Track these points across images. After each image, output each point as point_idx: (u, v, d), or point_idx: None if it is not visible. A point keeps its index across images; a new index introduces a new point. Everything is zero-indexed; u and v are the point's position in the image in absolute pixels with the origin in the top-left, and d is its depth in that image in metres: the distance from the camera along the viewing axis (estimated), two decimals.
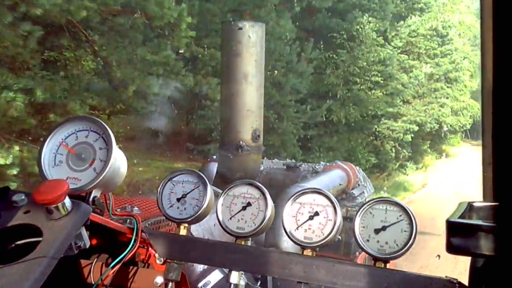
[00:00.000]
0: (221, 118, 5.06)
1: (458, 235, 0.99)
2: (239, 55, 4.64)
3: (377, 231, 1.27)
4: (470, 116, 26.16)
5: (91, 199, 1.33)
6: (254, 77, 4.68)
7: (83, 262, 1.48)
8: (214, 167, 5.03)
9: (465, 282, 1.14)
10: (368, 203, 1.32)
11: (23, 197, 1.21)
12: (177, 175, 1.50)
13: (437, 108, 23.73)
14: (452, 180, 20.04)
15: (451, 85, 24.85)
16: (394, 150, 21.88)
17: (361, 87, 20.09)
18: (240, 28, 4.61)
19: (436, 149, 28.02)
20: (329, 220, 1.34)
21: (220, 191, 1.48)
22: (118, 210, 1.90)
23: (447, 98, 24.31)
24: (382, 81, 20.38)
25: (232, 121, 4.69)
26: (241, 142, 4.58)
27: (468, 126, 27.62)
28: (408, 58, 23.56)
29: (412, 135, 22.37)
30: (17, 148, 7.13)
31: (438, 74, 24.59)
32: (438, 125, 23.86)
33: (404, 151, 22.73)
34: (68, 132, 1.39)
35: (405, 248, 1.24)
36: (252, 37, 4.63)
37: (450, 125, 24.66)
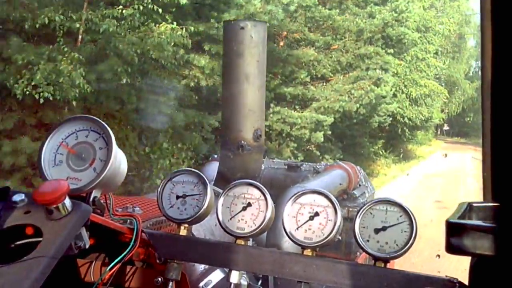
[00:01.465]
0: (222, 118, 5.04)
1: (458, 235, 0.99)
2: (240, 55, 4.61)
3: (377, 231, 1.27)
4: (442, 109, 20.78)
5: (91, 199, 1.33)
6: (256, 77, 4.66)
7: (83, 262, 1.48)
8: (214, 166, 5.03)
9: (465, 281, 1.14)
10: (369, 204, 1.32)
11: (23, 197, 1.21)
12: (177, 175, 1.50)
13: (368, 87, 14.06)
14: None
15: (392, 50, 15.76)
16: (301, 156, 13.40)
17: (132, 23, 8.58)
18: (242, 28, 4.59)
19: (395, 150, 21.06)
20: (329, 220, 1.34)
21: (221, 190, 1.48)
22: (119, 210, 1.91)
23: (385, 70, 14.84)
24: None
25: (234, 120, 4.67)
26: (242, 142, 4.56)
27: (436, 120, 21.87)
28: (324, 8, 14.26)
29: (330, 132, 13.80)
30: None
31: (371, 31, 14.80)
32: (391, 118, 15.94)
33: (327, 156, 14.19)
34: (68, 132, 1.39)
35: (405, 248, 1.24)
36: (254, 37, 4.61)
37: (409, 118, 17.80)
